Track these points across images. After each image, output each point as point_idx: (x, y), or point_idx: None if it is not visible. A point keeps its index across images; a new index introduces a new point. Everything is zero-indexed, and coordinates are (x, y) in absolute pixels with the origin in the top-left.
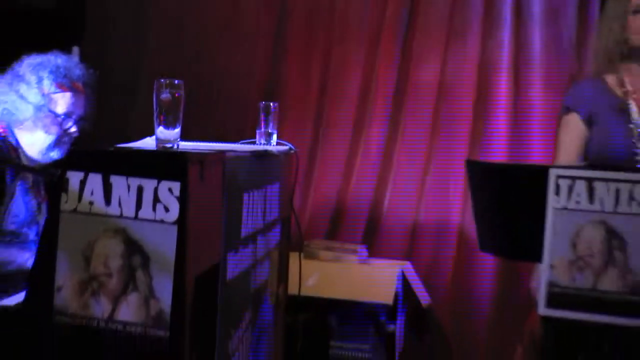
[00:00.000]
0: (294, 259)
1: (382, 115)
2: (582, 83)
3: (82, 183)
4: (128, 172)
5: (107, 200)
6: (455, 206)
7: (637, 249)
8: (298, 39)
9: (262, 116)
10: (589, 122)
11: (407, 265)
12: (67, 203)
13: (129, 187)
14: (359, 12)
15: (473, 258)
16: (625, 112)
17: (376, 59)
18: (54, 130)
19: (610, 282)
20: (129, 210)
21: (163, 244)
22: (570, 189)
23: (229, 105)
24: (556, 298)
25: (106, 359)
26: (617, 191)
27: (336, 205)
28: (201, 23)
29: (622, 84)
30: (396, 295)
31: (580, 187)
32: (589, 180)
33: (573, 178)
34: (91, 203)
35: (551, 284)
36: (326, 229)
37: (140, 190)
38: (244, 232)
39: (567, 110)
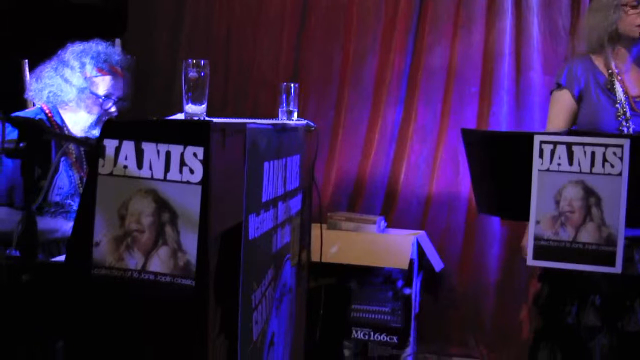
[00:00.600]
0: (316, 229)
1: (397, 97)
2: (573, 62)
3: (117, 149)
4: (157, 139)
5: (139, 164)
6: (465, 179)
7: (611, 205)
8: (320, 28)
9: (283, 96)
10: (580, 98)
11: (422, 234)
12: (104, 167)
13: (158, 152)
14: (375, 5)
15: (482, 226)
16: (611, 91)
17: (391, 47)
18: (95, 110)
19: (588, 235)
20: (159, 172)
21: (189, 203)
22: (552, 153)
23: (258, 89)
24: (542, 250)
25: (139, 307)
26: (593, 154)
27: (356, 180)
28: (230, 14)
29: (608, 65)
30: (411, 262)
31: (561, 151)
32: (568, 145)
33: (555, 143)
34: (125, 167)
35: (537, 238)
36: (347, 202)
37: (168, 155)
38: (264, 197)
39: (560, 86)
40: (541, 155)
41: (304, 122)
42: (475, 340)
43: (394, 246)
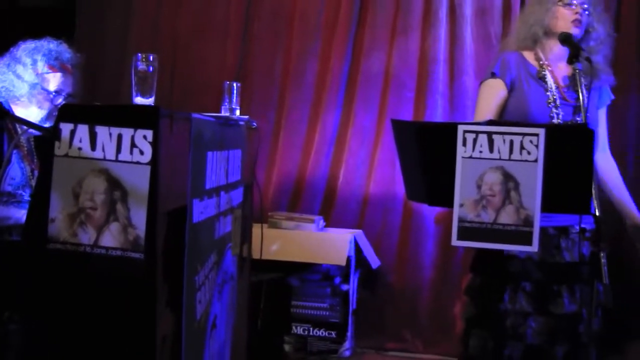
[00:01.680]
0: (258, 228)
1: (336, 101)
2: (505, 54)
3: (72, 132)
4: (110, 123)
5: (93, 146)
6: (401, 180)
7: (528, 189)
8: (263, 33)
9: (225, 94)
10: (511, 87)
11: (359, 233)
12: (59, 149)
13: (110, 135)
14: (316, 11)
15: (417, 225)
16: (543, 80)
17: (331, 52)
18: (46, 105)
19: (507, 217)
20: (111, 154)
21: (139, 182)
22: (475, 142)
23: (203, 91)
24: (465, 231)
25: (92, 280)
26: (511, 142)
27: (296, 180)
28: (177, 17)
29: (538, 59)
30: (349, 259)
31: (483, 139)
32: (489, 134)
33: (477, 132)
34: (79, 149)
35: (461, 220)
36: (287, 202)
37: (119, 137)
38: (207, 185)
39: (493, 75)
40: (464, 144)
41: (245, 117)
42: (411, 335)
43: (331, 244)
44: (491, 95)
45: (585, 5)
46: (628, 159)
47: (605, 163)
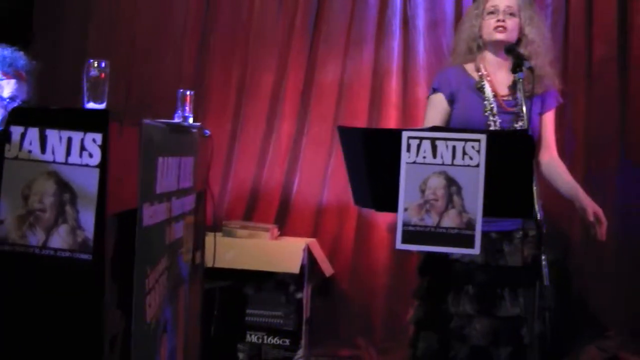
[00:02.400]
0: (212, 237)
1: (291, 111)
2: (446, 69)
3: (22, 135)
4: (60, 126)
5: (43, 149)
6: None
7: (470, 194)
8: (220, 44)
9: (179, 102)
10: (451, 100)
11: (313, 241)
12: (9, 152)
13: (60, 138)
14: (272, 23)
15: (371, 233)
16: (481, 91)
17: (286, 63)
18: (0, 112)
19: (450, 220)
20: (60, 156)
21: (88, 184)
22: (419, 147)
23: (159, 100)
24: (409, 235)
25: (41, 281)
26: (454, 148)
27: (251, 189)
28: (134, 26)
29: (478, 69)
30: (302, 267)
31: (426, 145)
32: (432, 140)
33: (420, 138)
34: (29, 152)
35: (405, 224)
36: (243, 211)
37: (69, 140)
38: (158, 190)
39: (434, 90)
40: (408, 150)
41: (197, 124)
42: (365, 342)
43: (285, 252)
44: (435, 110)
45: (512, 10)
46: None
47: (551, 164)
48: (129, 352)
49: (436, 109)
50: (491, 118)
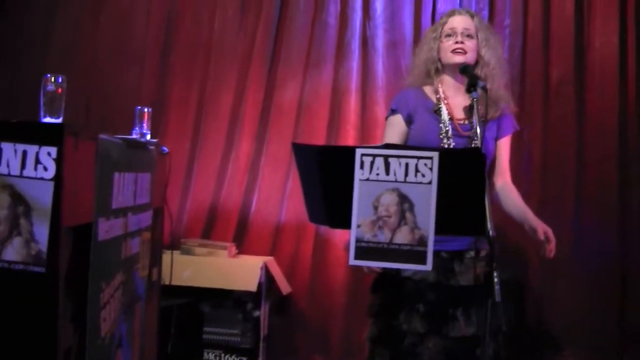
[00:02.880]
0: (169, 254)
1: (250, 131)
2: (404, 91)
3: None
4: (15, 139)
5: None
6: None
7: (422, 210)
8: (180, 63)
9: (137, 119)
10: (409, 121)
11: (271, 260)
12: None
13: (15, 151)
14: (232, 44)
15: (328, 252)
16: (438, 113)
17: (246, 83)
18: None
19: (403, 237)
20: (15, 170)
21: (42, 197)
22: (372, 164)
23: (119, 118)
24: (362, 251)
25: None
26: (407, 165)
27: (210, 208)
28: (95, 44)
29: (437, 92)
30: (260, 285)
31: (379, 162)
32: (385, 157)
33: (373, 155)
34: None
35: (358, 240)
36: (202, 229)
37: (24, 153)
38: (114, 205)
39: (393, 112)
40: (362, 167)
41: (154, 141)
42: None
43: (243, 270)
44: (392, 130)
45: (470, 32)
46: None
47: (505, 188)
48: None
49: (394, 129)
50: (445, 141)
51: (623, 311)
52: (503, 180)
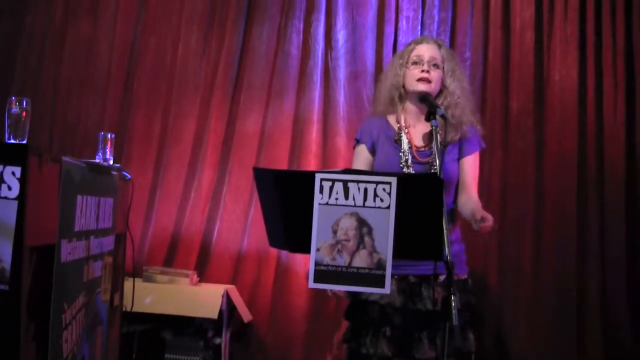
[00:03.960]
0: (130, 282)
1: (213, 159)
2: (369, 121)
3: None
4: None
5: None
6: None
7: (381, 235)
8: (144, 91)
9: (100, 144)
10: (373, 151)
11: (232, 288)
12: None
13: None
14: (195, 73)
15: (290, 280)
16: (398, 143)
17: (209, 111)
18: None
19: (361, 260)
20: None
21: (6, 216)
22: (331, 189)
23: (82, 146)
24: (321, 274)
25: None
26: (365, 190)
27: (172, 236)
28: (58, 73)
29: (399, 121)
30: (221, 313)
31: (339, 187)
32: (345, 182)
33: (333, 180)
34: None
35: (317, 263)
36: (164, 257)
37: None
38: (77, 227)
39: (358, 142)
40: (321, 191)
41: (117, 166)
42: None
43: (204, 298)
44: (359, 161)
45: (436, 62)
46: None
47: (468, 199)
48: None
49: (360, 159)
50: (405, 170)
51: (581, 340)
52: (467, 196)
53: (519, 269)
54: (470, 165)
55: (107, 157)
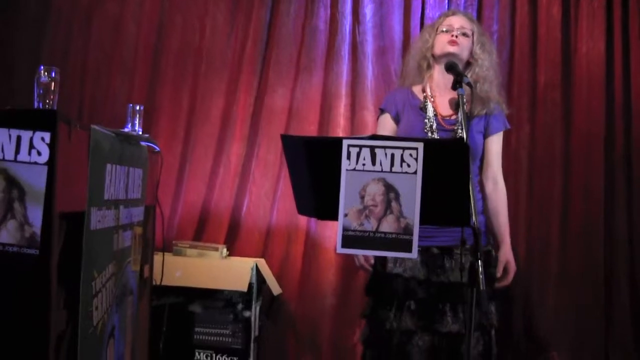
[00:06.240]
0: (161, 256)
1: (242, 134)
2: (393, 91)
3: None
4: (9, 125)
5: None
6: None
7: (407, 200)
8: (172, 67)
9: (129, 117)
10: (397, 119)
11: (261, 261)
12: None
13: (10, 136)
14: (223, 48)
15: (319, 255)
16: (424, 110)
17: (237, 88)
18: None
19: (388, 225)
20: (10, 154)
21: (36, 181)
22: (358, 155)
23: (112, 124)
24: (349, 239)
25: None
26: (392, 155)
27: (201, 211)
28: (86, 52)
29: (424, 91)
30: (251, 286)
31: (365, 153)
32: (372, 148)
33: (360, 146)
34: None
35: (345, 229)
36: (193, 232)
37: (18, 139)
38: (106, 195)
39: (382, 111)
40: (349, 157)
41: (146, 136)
42: None
43: (233, 271)
44: (383, 129)
45: (466, 31)
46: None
47: (492, 191)
48: (76, 354)
49: (384, 128)
50: (430, 135)
51: (609, 315)
52: (494, 185)
53: (547, 242)
54: (496, 144)
55: (136, 129)
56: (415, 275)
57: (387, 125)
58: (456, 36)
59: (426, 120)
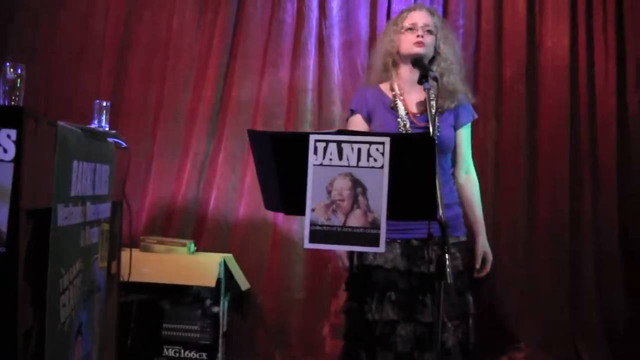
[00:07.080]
0: (128, 251)
1: (209, 128)
2: (362, 90)
3: None
4: None
5: None
6: None
7: (374, 194)
8: (138, 63)
9: (95, 113)
10: (368, 119)
11: (229, 256)
12: None
13: None
14: (191, 44)
15: (286, 248)
16: (394, 109)
17: (204, 81)
18: None
19: (356, 220)
20: None
21: (2, 178)
22: (325, 150)
23: (78, 118)
24: (316, 234)
25: None
26: (359, 150)
27: (169, 206)
28: (52, 47)
29: (392, 89)
30: (219, 281)
31: (332, 147)
32: (338, 143)
33: (327, 141)
34: None
35: (312, 224)
36: (160, 227)
37: None
38: (73, 192)
39: (352, 112)
40: (315, 152)
41: (113, 132)
42: (281, 356)
43: (202, 266)
44: (355, 129)
45: (430, 28)
46: None
47: (464, 182)
48: (43, 351)
49: (356, 129)
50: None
51: (575, 305)
52: (466, 176)
53: (513, 233)
54: (466, 137)
55: (103, 125)
56: (396, 266)
57: (359, 126)
58: (422, 35)
59: (399, 120)
